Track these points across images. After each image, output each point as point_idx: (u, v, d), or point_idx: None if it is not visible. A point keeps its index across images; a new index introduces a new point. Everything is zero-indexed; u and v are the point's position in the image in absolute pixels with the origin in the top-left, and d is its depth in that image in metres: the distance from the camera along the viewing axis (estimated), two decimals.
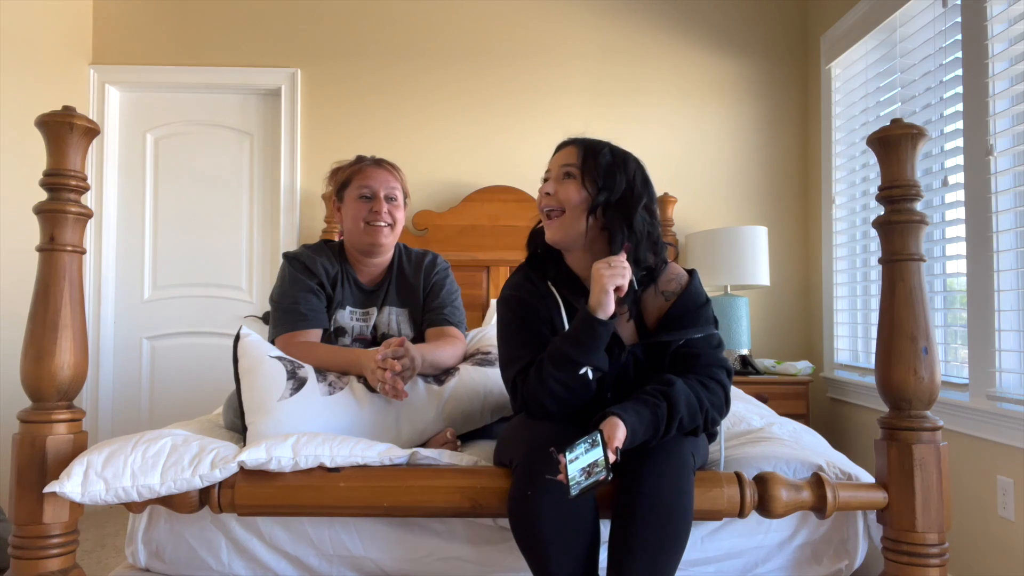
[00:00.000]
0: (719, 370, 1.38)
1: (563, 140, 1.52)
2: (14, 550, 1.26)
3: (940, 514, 1.28)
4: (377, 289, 1.89)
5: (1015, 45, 2.17)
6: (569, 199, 1.43)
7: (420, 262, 1.93)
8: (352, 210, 1.82)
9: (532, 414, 1.37)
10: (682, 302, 1.43)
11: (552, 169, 1.49)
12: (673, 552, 1.16)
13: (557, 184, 1.45)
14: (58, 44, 3.31)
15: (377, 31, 3.59)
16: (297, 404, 1.47)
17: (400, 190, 1.87)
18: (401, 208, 1.87)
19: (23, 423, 1.29)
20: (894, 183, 1.34)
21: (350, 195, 1.84)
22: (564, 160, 1.46)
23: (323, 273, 1.80)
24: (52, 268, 1.31)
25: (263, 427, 1.44)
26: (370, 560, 1.39)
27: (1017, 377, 2.14)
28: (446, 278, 1.93)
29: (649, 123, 3.59)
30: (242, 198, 3.62)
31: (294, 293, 1.75)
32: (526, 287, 1.49)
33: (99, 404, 3.50)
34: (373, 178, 1.82)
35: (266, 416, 1.45)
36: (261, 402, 1.47)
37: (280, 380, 1.50)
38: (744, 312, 3.20)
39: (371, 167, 1.85)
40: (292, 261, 1.81)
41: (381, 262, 1.89)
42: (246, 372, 1.53)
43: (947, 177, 2.53)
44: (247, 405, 1.49)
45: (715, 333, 1.43)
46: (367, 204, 1.80)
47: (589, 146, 1.46)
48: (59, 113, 1.31)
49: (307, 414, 1.47)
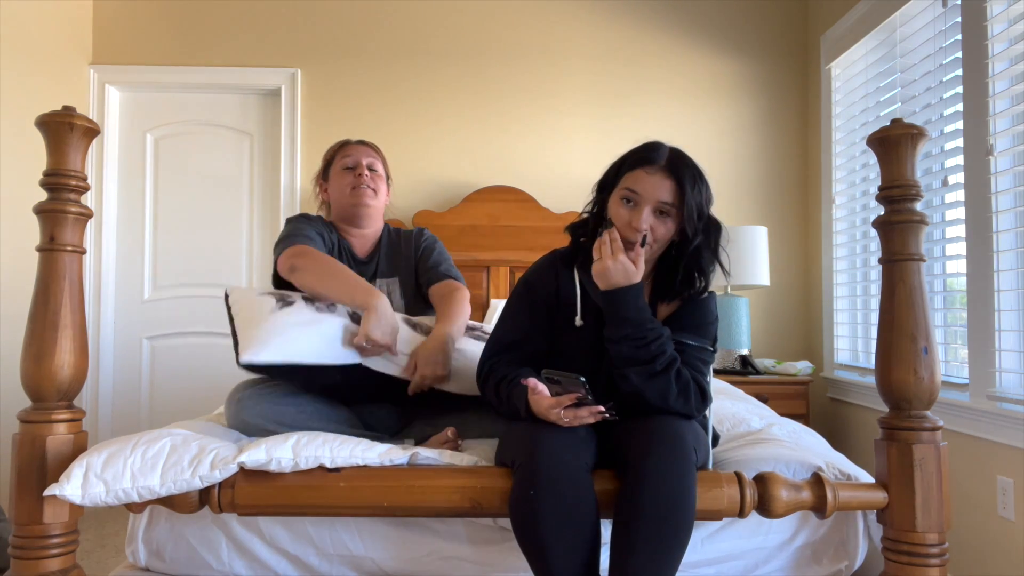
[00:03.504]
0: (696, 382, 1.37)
1: (653, 151, 1.40)
2: (14, 550, 1.26)
3: (940, 514, 1.28)
4: (369, 260, 1.96)
5: (1015, 45, 2.17)
6: (660, 237, 1.40)
7: (409, 235, 2.03)
8: (337, 181, 1.94)
9: (487, 396, 1.48)
10: (690, 308, 1.45)
11: (643, 195, 1.37)
12: (675, 550, 1.16)
13: (655, 219, 1.38)
14: (58, 44, 3.31)
15: (377, 31, 3.59)
16: (287, 313, 1.55)
17: (381, 164, 1.98)
18: (383, 180, 1.97)
19: (23, 423, 1.29)
20: (894, 183, 1.34)
21: (335, 169, 1.96)
22: (661, 195, 1.37)
23: (323, 233, 1.88)
24: (52, 268, 1.31)
25: (256, 331, 1.49)
26: (370, 560, 1.39)
27: (1017, 377, 2.14)
28: (435, 242, 2.01)
29: (649, 123, 3.59)
30: (242, 198, 3.62)
31: (299, 228, 1.83)
32: (545, 272, 1.51)
33: (99, 404, 3.50)
34: (355, 151, 1.96)
35: (258, 325, 1.51)
36: (253, 314, 1.54)
37: (270, 303, 1.59)
38: (744, 312, 3.20)
39: (352, 144, 1.99)
40: (295, 218, 1.90)
41: (371, 233, 1.97)
42: (238, 310, 1.60)
43: (947, 177, 2.53)
44: (239, 328, 1.54)
45: (709, 349, 1.43)
46: (350, 173, 1.92)
47: (685, 181, 1.38)
48: (59, 113, 1.31)
49: (299, 319, 1.53)
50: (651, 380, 1.32)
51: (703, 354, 1.42)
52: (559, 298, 1.49)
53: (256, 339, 1.48)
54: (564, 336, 1.48)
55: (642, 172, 1.39)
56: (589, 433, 1.31)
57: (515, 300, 1.53)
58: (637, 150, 1.44)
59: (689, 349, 1.40)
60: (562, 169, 3.58)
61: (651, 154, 1.40)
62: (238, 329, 1.55)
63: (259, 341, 1.47)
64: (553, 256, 1.54)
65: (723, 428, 1.74)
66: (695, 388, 1.36)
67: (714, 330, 1.47)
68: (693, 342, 1.40)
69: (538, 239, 3.44)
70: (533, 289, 1.50)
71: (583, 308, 1.46)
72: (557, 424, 1.28)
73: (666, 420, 1.30)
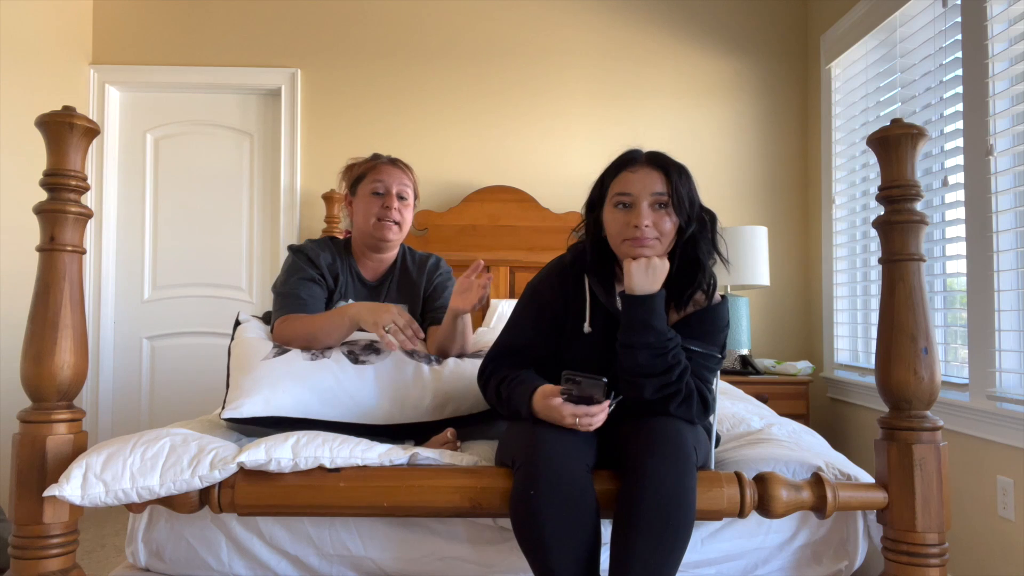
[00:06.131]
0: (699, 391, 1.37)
1: (631, 152, 1.44)
2: (14, 550, 1.26)
3: (940, 514, 1.28)
4: (379, 284, 1.95)
5: (1015, 45, 2.17)
6: (666, 232, 1.39)
7: (424, 263, 1.99)
8: (364, 205, 1.87)
9: (487, 397, 1.50)
10: (700, 315, 1.44)
11: (636, 193, 1.38)
12: (675, 550, 1.16)
13: (654, 214, 1.38)
14: (58, 44, 3.31)
15: (377, 31, 3.59)
16: (279, 363, 1.55)
17: (411, 189, 1.93)
18: (411, 207, 1.93)
19: (23, 423, 1.29)
20: (894, 183, 1.34)
21: (363, 190, 1.89)
22: (653, 187, 1.38)
23: (325, 266, 1.86)
24: (52, 268, 1.31)
25: (243, 381, 1.50)
26: (370, 560, 1.39)
27: (1017, 377, 2.14)
28: (448, 280, 1.98)
29: (649, 123, 3.59)
30: (242, 198, 3.62)
31: (295, 281, 1.80)
32: (553, 278, 1.51)
33: (99, 404, 3.50)
34: (387, 175, 1.88)
35: (247, 374, 1.52)
36: (244, 362, 1.55)
37: (266, 348, 1.60)
38: (744, 312, 3.20)
39: (386, 164, 1.91)
40: (296, 253, 1.87)
41: (386, 258, 1.95)
42: (236, 352, 1.62)
43: (947, 177, 2.53)
44: (233, 368, 1.56)
45: (716, 356, 1.42)
46: (379, 200, 1.86)
47: (672, 170, 1.39)
48: (59, 113, 1.31)
49: (288, 370, 1.53)
50: (663, 390, 1.32)
51: (710, 362, 1.41)
52: (566, 304, 1.48)
53: (243, 390, 1.49)
54: (571, 343, 1.47)
55: (627, 173, 1.41)
56: (589, 433, 1.31)
57: (521, 305, 1.53)
58: (615, 160, 1.46)
59: (696, 356, 1.39)
60: (562, 169, 3.58)
61: (630, 156, 1.44)
62: (230, 374, 1.58)
63: (245, 392, 1.49)
64: (561, 261, 1.53)
65: (723, 428, 1.74)
66: (698, 398, 1.36)
67: (723, 337, 1.45)
68: (701, 349, 1.40)
69: (538, 239, 3.44)
70: (540, 295, 1.50)
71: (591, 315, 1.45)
72: (558, 424, 1.28)
73: (667, 420, 1.30)
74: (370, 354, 1.63)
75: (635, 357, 1.32)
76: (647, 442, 1.23)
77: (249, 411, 1.46)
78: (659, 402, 1.33)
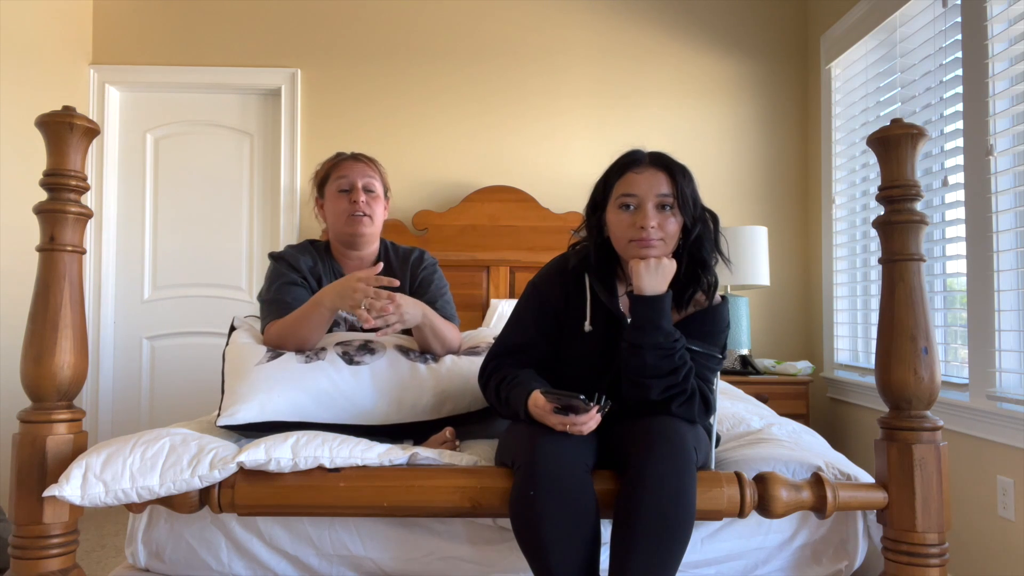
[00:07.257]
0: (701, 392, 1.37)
1: (634, 153, 1.43)
2: (14, 550, 1.26)
3: (940, 514, 1.28)
4: None
5: (1015, 45, 2.17)
6: (671, 233, 1.39)
7: (407, 257, 1.97)
8: (333, 204, 1.88)
9: (487, 398, 1.49)
10: (701, 315, 1.44)
11: (641, 194, 1.38)
12: (675, 550, 1.16)
13: (659, 216, 1.38)
14: (58, 44, 3.31)
15: (377, 31, 3.59)
16: (273, 367, 1.55)
17: (378, 182, 1.92)
18: (380, 200, 1.92)
19: (23, 423, 1.29)
20: (894, 183, 1.34)
21: (330, 190, 1.90)
22: (659, 188, 1.38)
23: (306, 269, 1.86)
24: (52, 268, 1.31)
25: (238, 387, 1.50)
26: (370, 560, 1.38)
27: (1017, 377, 2.14)
28: (434, 273, 1.96)
29: (649, 123, 3.59)
30: (242, 198, 3.62)
31: (279, 287, 1.80)
32: (554, 277, 1.50)
33: (99, 404, 3.51)
34: (350, 170, 1.89)
35: (242, 379, 1.51)
36: (238, 367, 1.55)
37: (259, 352, 1.60)
38: (744, 312, 3.20)
39: (348, 160, 1.92)
40: (277, 259, 1.88)
41: (367, 255, 1.94)
42: (230, 352, 1.63)
43: (947, 177, 2.53)
44: (227, 374, 1.56)
45: (717, 357, 1.42)
46: (346, 196, 1.86)
47: (676, 171, 1.39)
48: (59, 113, 1.31)
49: (283, 374, 1.52)
50: (669, 390, 1.32)
51: (711, 362, 1.41)
52: (567, 303, 1.48)
53: (238, 395, 1.48)
54: (571, 342, 1.47)
55: (632, 174, 1.40)
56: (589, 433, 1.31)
57: (522, 305, 1.53)
58: (618, 160, 1.45)
59: (697, 357, 1.39)
60: (562, 169, 3.58)
61: (634, 156, 1.43)
62: (225, 380, 1.57)
63: (240, 398, 1.48)
64: (562, 260, 1.53)
65: (723, 428, 1.74)
66: (699, 398, 1.36)
67: (724, 338, 1.45)
68: (702, 349, 1.40)
69: (538, 239, 3.44)
70: (541, 294, 1.50)
71: (592, 314, 1.46)
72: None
73: (666, 420, 1.30)
74: (365, 354, 1.63)
75: (643, 358, 1.32)
76: (647, 442, 1.23)
77: (244, 417, 1.46)
78: (663, 402, 1.33)
